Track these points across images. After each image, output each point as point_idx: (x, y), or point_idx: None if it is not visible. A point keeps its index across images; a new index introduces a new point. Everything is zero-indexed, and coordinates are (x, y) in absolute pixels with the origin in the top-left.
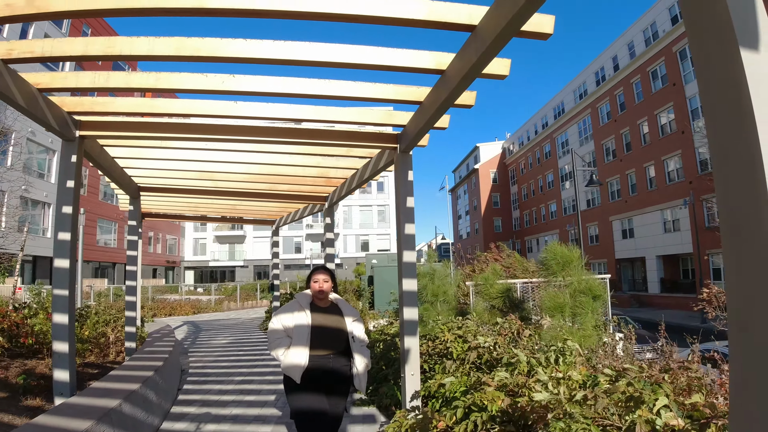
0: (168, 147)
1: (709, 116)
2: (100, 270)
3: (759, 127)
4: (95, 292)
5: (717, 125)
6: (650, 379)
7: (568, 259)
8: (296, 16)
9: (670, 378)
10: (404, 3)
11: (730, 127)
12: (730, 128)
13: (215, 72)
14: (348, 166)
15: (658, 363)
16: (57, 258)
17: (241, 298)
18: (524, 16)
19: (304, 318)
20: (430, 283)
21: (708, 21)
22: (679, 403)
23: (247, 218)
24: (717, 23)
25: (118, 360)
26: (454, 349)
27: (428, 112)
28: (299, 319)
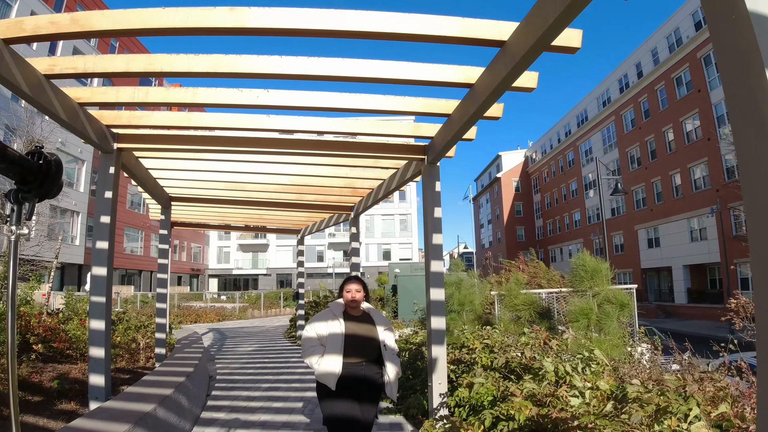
0: (199, 159)
1: (737, 133)
2: (127, 277)
3: None
4: (122, 298)
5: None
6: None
7: (597, 269)
8: (333, 34)
9: (697, 388)
10: (438, 21)
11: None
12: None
13: (249, 87)
14: (374, 177)
15: (688, 374)
16: (95, 266)
17: (264, 306)
18: (554, 33)
19: (337, 326)
20: (456, 292)
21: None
22: (706, 414)
23: (272, 227)
24: (744, 47)
25: (148, 366)
26: (480, 359)
27: (457, 125)
28: (333, 328)
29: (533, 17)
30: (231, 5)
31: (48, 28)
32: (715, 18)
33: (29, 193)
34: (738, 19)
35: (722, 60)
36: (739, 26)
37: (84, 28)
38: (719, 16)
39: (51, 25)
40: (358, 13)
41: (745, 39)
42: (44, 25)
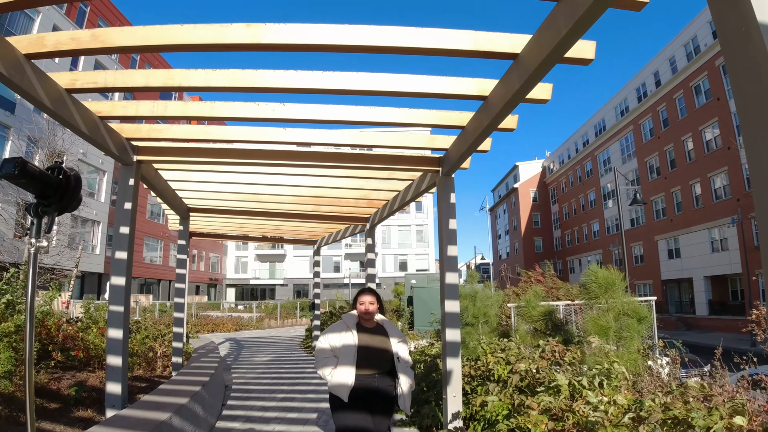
0: (217, 170)
1: (749, 145)
2: (146, 286)
3: None
4: (141, 307)
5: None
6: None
7: (610, 281)
8: (345, 49)
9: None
10: (451, 35)
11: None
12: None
13: (266, 101)
14: (390, 189)
15: (716, 385)
16: (114, 276)
17: (281, 316)
18: (566, 45)
19: (350, 338)
20: (471, 304)
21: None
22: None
23: (288, 238)
24: (755, 59)
25: (164, 374)
26: (496, 371)
27: (471, 137)
28: (346, 339)
29: (545, 30)
30: (247, 22)
31: (69, 44)
32: (725, 30)
33: (49, 207)
34: (748, 31)
35: (734, 72)
36: (750, 38)
37: (104, 45)
38: (729, 29)
39: (72, 41)
40: (371, 28)
41: (756, 50)
42: (65, 41)
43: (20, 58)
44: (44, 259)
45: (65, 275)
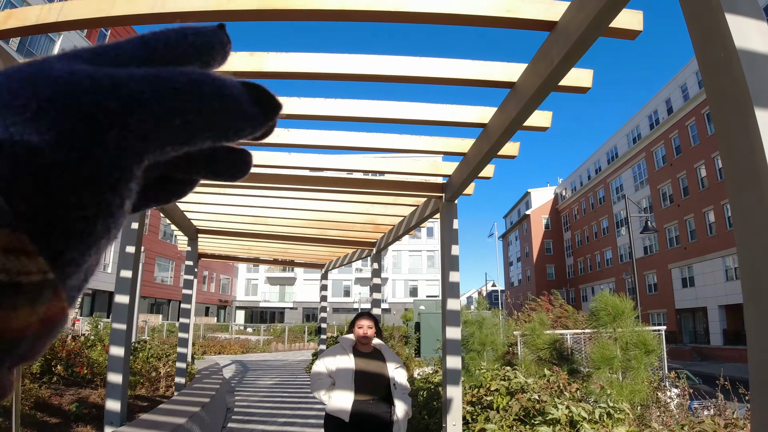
0: (225, 193)
1: (730, 180)
2: (156, 306)
3: None
4: (150, 327)
5: (738, 189)
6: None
7: (620, 310)
8: (347, 78)
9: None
10: (451, 64)
11: (750, 191)
12: (750, 192)
13: None
14: (395, 214)
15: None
16: (118, 294)
17: (288, 339)
18: (560, 73)
19: (347, 361)
20: (477, 331)
21: (726, 86)
22: None
23: (296, 261)
24: (735, 89)
25: (167, 394)
26: (496, 401)
27: (472, 164)
28: (342, 363)
29: (539, 59)
30: (251, 51)
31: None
32: (705, 57)
33: None
34: (727, 56)
35: (713, 100)
36: (729, 64)
37: None
38: (709, 55)
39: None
40: (373, 57)
41: (734, 77)
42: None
43: None
44: None
45: None
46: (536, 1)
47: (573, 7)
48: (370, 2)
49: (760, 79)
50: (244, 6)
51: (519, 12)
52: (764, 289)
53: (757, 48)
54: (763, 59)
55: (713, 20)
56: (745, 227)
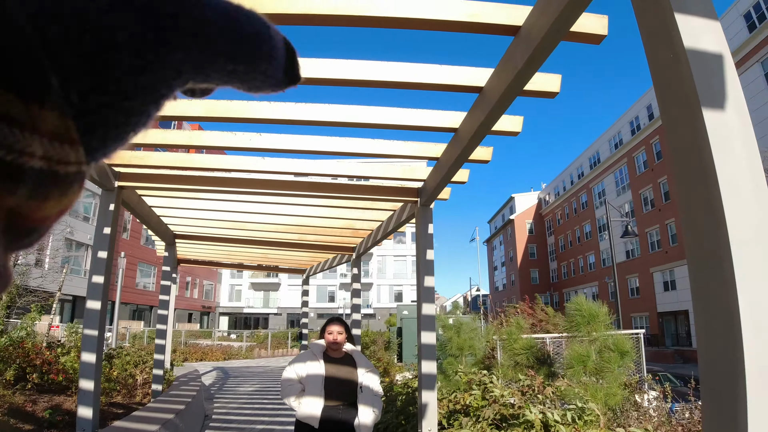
0: (202, 198)
1: (679, 176)
2: (138, 312)
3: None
4: (131, 333)
5: (687, 190)
6: None
7: (594, 313)
8: (319, 82)
9: None
10: (419, 69)
11: (697, 189)
12: (697, 190)
13: (244, 131)
14: (373, 219)
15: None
16: (90, 299)
17: (272, 346)
18: (525, 77)
19: (317, 367)
20: (455, 336)
21: (675, 86)
22: None
23: (276, 266)
24: (682, 84)
25: (143, 402)
26: (472, 404)
27: (444, 168)
28: (312, 369)
29: (504, 63)
30: None
31: None
32: (654, 58)
33: None
34: (676, 57)
35: (662, 99)
36: (677, 64)
37: None
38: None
39: None
40: (342, 62)
41: (683, 78)
42: None
43: None
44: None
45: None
46: (499, 6)
47: (535, 11)
48: (335, 5)
49: (709, 79)
50: None
51: (481, 17)
52: (709, 288)
53: (708, 48)
54: (713, 59)
55: (662, 20)
56: (692, 224)
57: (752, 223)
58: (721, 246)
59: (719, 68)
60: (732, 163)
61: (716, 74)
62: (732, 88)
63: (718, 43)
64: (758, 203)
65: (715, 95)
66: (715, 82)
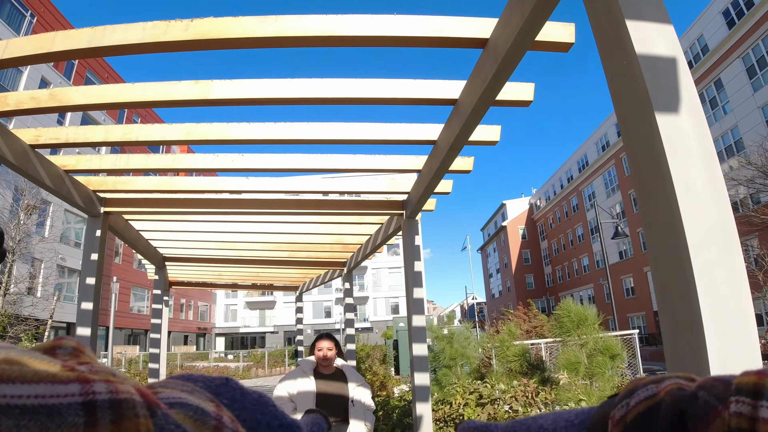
0: (190, 220)
1: (637, 182)
2: (132, 337)
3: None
4: (126, 359)
5: (645, 194)
6: None
7: (583, 316)
8: (295, 102)
9: None
10: (394, 84)
11: (655, 193)
12: (655, 193)
13: (225, 152)
14: (362, 233)
15: None
16: (79, 326)
17: (269, 364)
18: (495, 89)
19: (308, 384)
20: (448, 346)
21: (629, 92)
22: None
23: (274, 285)
24: (635, 89)
25: None
26: (466, 413)
27: (426, 180)
28: (303, 386)
29: (475, 76)
30: (196, 79)
31: (29, 103)
32: (608, 64)
33: None
34: (629, 63)
35: (618, 106)
36: (631, 70)
37: (62, 103)
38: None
39: (32, 100)
40: (315, 81)
41: (636, 83)
42: (26, 100)
43: None
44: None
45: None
46: (466, 20)
47: (500, 23)
48: (304, 28)
49: (661, 84)
50: (178, 37)
51: (447, 31)
52: (672, 291)
53: (660, 53)
54: (666, 63)
55: (614, 27)
56: (653, 229)
57: (710, 223)
58: (680, 247)
59: (672, 72)
60: (687, 165)
61: (669, 78)
62: (686, 91)
63: (671, 47)
64: (715, 203)
65: (669, 99)
66: (668, 85)
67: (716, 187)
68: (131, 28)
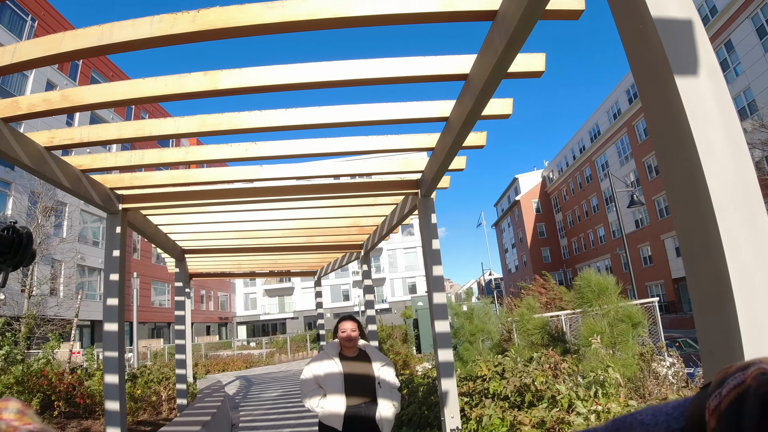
0: (206, 212)
1: (658, 145)
2: (156, 330)
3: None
4: (152, 352)
5: (666, 157)
6: None
7: (603, 286)
8: (305, 86)
9: None
10: (404, 63)
11: (677, 157)
12: (677, 157)
13: (239, 141)
14: (377, 214)
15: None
16: (106, 322)
17: (291, 350)
18: (507, 61)
19: (334, 367)
20: (467, 322)
21: (646, 56)
22: None
23: (286, 271)
24: (655, 59)
25: (170, 417)
26: (492, 387)
27: (440, 157)
28: (330, 369)
29: (485, 49)
30: (205, 70)
31: (41, 105)
32: (624, 30)
33: (4, 263)
34: (644, 27)
35: (636, 70)
36: (646, 35)
37: (74, 103)
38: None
39: (44, 102)
40: (324, 64)
41: (653, 47)
42: (38, 103)
43: None
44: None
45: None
46: None
47: None
48: (310, 11)
49: (679, 47)
50: (186, 29)
51: (457, 5)
52: (698, 254)
53: (675, 15)
54: (682, 26)
55: None
56: (675, 193)
57: (732, 185)
58: (705, 211)
59: (689, 33)
60: (708, 127)
61: (686, 40)
62: (703, 53)
63: (686, 9)
64: (737, 165)
65: (687, 61)
66: (685, 48)
67: (737, 148)
68: (139, 23)
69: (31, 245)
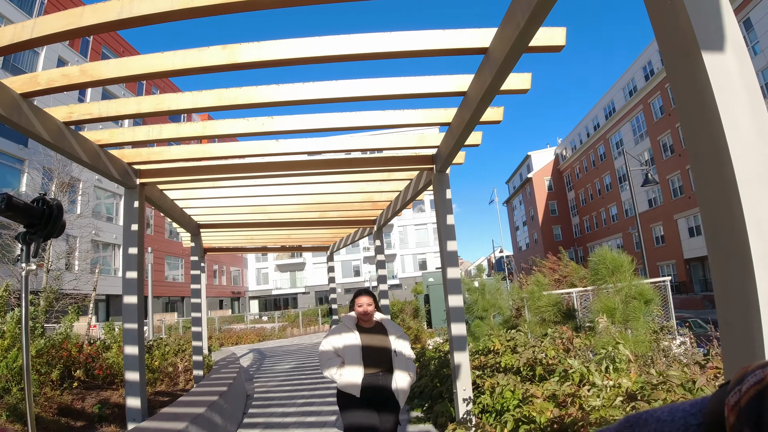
0: (222, 186)
1: (684, 120)
2: (170, 304)
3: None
4: (166, 325)
5: (690, 127)
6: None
7: (618, 263)
8: (323, 60)
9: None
10: (422, 36)
11: (703, 132)
12: (703, 133)
13: (255, 116)
14: (391, 189)
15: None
16: (126, 295)
17: (303, 324)
18: (528, 35)
19: (353, 338)
20: (480, 298)
21: (674, 33)
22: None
23: (299, 246)
24: (682, 35)
25: (187, 388)
26: (504, 360)
27: (456, 133)
28: (348, 340)
29: (507, 22)
30: (223, 44)
31: (60, 80)
32: (652, 7)
33: (35, 234)
34: (673, 3)
35: (662, 44)
36: (675, 12)
37: (92, 78)
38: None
39: (63, 77)
40: (343, 37)
41: (681, 24)
42: (57, 77)
43: (17, 98)
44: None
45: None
46: None
47: None
48: None
49: (707, 24)
50: (206, 2)
51: None
52: (721, 228)
53: None
54: (709, 2)
55: None
56: (700, 167)
57: (757, 161)
58: (729, 185)
59: (716, 11)
60: (734, 104)
61: (713, 18)
62: (730, 30)
63: None
64: (761, 142)
65: (714, 38)
66: (712, 25)
67: (762, 126)
68: None
69: (62, 216)
